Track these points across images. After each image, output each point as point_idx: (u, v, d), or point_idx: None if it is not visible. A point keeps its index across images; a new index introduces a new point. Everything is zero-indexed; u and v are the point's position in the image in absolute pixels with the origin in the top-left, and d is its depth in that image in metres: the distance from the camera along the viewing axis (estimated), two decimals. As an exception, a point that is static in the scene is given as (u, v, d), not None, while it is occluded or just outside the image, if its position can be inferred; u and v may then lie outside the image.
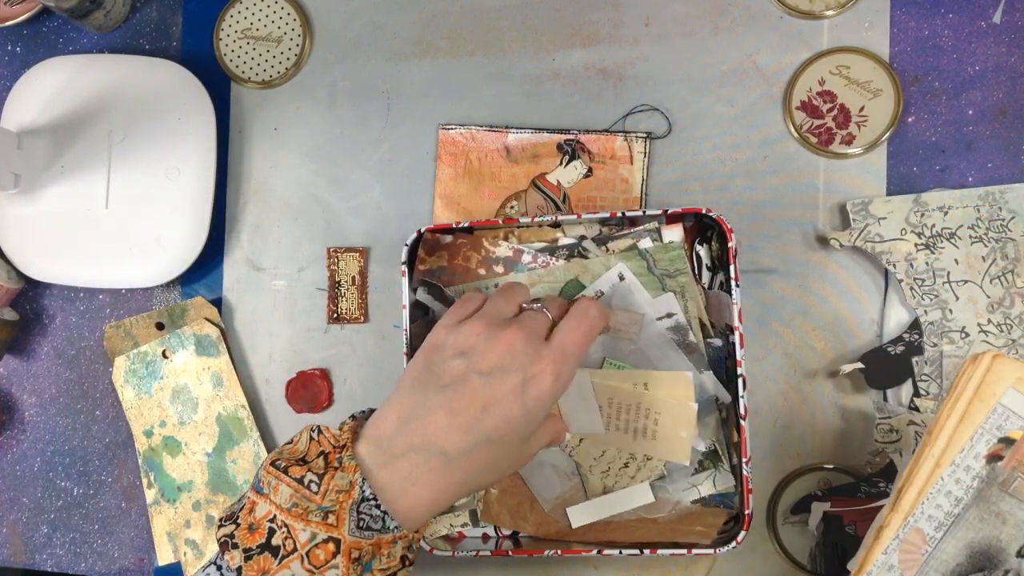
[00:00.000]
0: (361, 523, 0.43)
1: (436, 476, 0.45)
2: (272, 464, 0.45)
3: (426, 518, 0.46)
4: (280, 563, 0.42)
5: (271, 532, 0.42)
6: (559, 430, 0.54)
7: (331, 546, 0.42)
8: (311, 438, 0.46)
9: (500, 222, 0.63)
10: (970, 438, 0.45)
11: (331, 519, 0.42)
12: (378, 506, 0.43)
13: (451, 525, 0.64)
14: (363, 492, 0.43)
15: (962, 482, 0.45)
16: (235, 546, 0.43)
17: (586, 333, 0.50)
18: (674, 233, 0.63)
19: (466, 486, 0.46)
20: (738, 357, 0.58)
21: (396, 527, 0.44)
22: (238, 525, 0.44)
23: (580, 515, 0.62)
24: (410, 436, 0.45)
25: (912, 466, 0.46)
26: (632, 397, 0.59)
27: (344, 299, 0.70)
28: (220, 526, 0.44)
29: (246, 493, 0.45)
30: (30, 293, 0.75)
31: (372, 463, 0.45)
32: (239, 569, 0.42)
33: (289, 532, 0.42)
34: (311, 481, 0.43)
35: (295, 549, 0.42)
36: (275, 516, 0.42)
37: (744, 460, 0.57)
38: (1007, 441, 0.44)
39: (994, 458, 0.44)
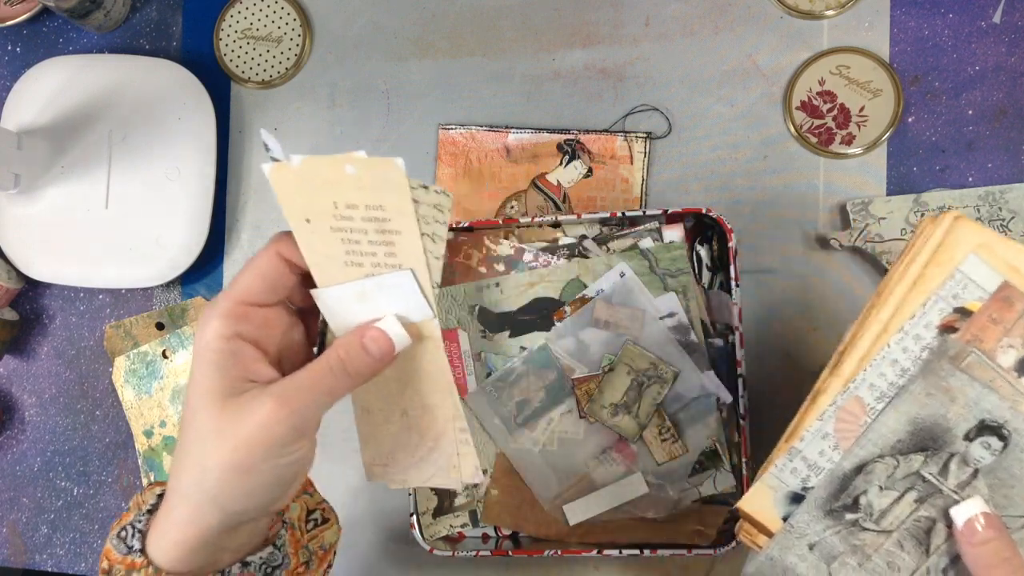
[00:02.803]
0: None
1: None
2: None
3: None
4: None
5: None
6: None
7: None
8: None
9: (500, 222, 0.63)
10: (923, 305, 0.40)
11: None
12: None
13: (451, 526, 0.64)
14: None
15: (910, 351, 0.40)
16: None
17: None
18: (674, 233, 0.63)
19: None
20: (738, 357, 0.58)
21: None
22: None
23: (577, 512, 0.62)
24: None
25: (856, 328, 0.41)
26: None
27: (344, 299, 0.70)
28: None
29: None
30: (30, 293, 0.75)
31: None
32: None
33: None
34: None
35: None
36: None
37: (744, 460, 0.57)
38: (963, 312, 0.40)
39: (947, 329, 0.40)
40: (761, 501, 0.42)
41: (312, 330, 0.43)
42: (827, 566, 0.41)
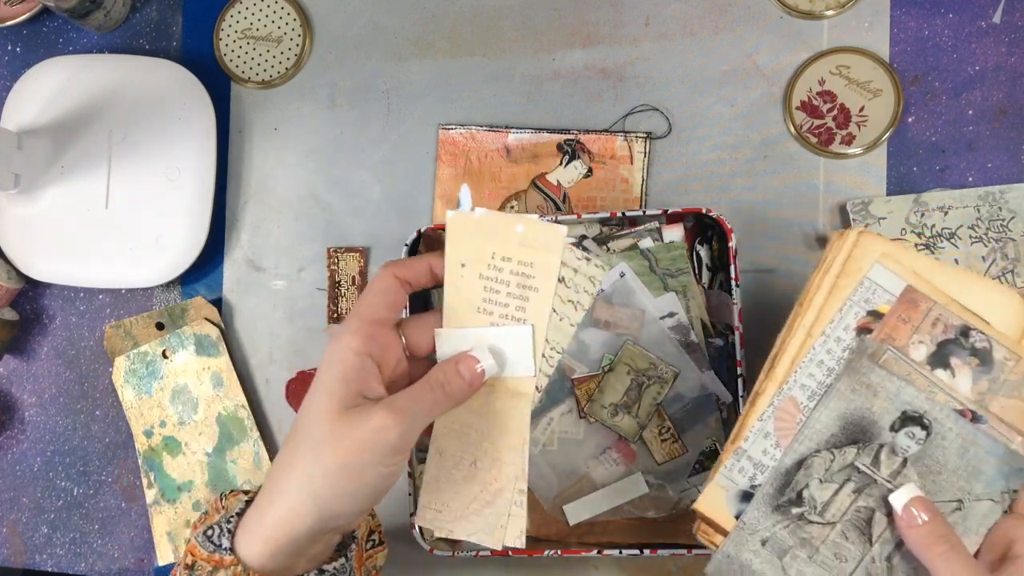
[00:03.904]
0: None
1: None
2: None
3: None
4: None
5: None
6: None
7: None
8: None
9: (500, 222, 0.63)
10: (839, 310, 0.45)
11: None
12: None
13: (451, 525, 0.64)
14: None
15: (833, 352, 0.45)
16: None
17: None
18: (674, 233, 0.63)
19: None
20: (738, 357, 0.58)
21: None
22: None
23: (577, 512, 0.62)
24: None
25: (785, 335, 0.46)
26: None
27: (344, 299, 0.70)
28: None
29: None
30: (30, 293, 0.75)
31: None
32: None
33: None
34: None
35: None
36: None
37: (744, 460, 0.57)
38: (875, 314, 0.45)
39: (863, 330, 0.45)
40: (714, 501, 0.45)
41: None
42: (780, 560, 0.43)
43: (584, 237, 0.64)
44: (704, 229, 0.63)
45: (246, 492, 0.46)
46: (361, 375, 0.41)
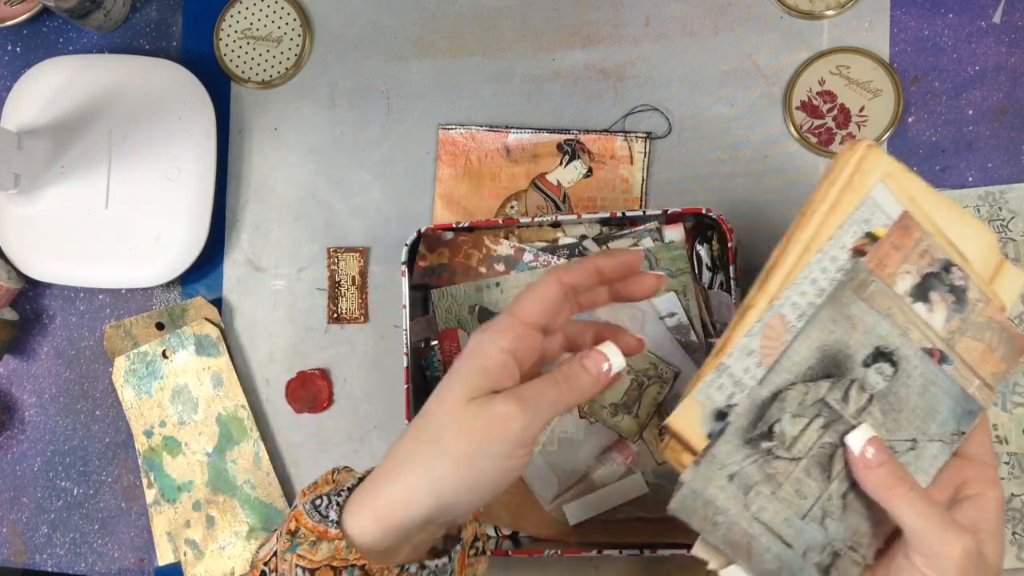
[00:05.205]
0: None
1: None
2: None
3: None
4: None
5: None
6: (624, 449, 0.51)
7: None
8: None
9: (500, 222, 0.63)
10: (839, 227, 0.43)
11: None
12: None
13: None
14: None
15: (827, 272, 0.43)
16: None
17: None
18: (675, 233, 0.63)
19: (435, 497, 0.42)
20: (738, 357, 0.58)
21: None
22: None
23: (577, 512, 0.62)
24: None
25: (782, 247, 0.44)
26: None
27: (344, 299, 0.70)
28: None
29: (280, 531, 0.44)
30: (30, 293, 0.75)
31: None
32: None
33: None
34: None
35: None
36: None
37: (744, 460, 0.57)
38: (872, 237, 0.43)
39: (859, 252, 0.43)
40: (688, 417, 0.43)
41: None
42: (744, 496, 0.42)
43: (584, 237, 0.64)
44: (704, 229, 0.63)
45: (353, 471, 0.46)
46: (501, 372, 0.41)
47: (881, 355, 0.43)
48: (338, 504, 0.42)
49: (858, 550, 0.42)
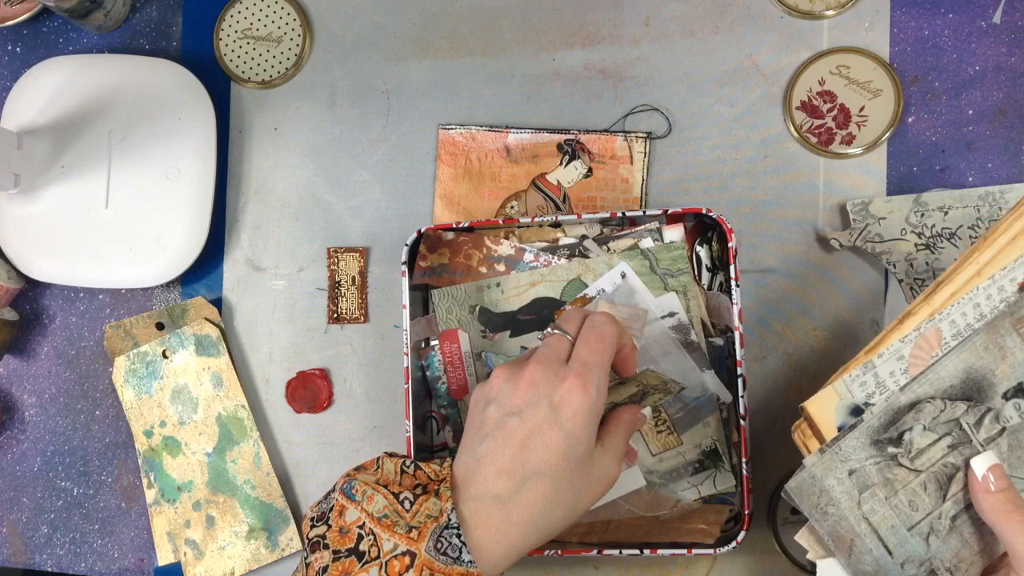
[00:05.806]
0: (439, 546, 0.45)
1: (494, 520, 0.46)
2: (363, 480, 0.48)
3: (496, 563, 0.47)
4: (362, 567, 0.45)
5: (359, 538, 0.45)
6: (628, 450, 0.55)
7: (407, 559, 0.44)
8: (403, 470, 0.50)
9: (500, 222, 0.63)
10: (1014, 259, 0.44)
11: (413, 534, 0.45)
12: (459, 535, 0.45)
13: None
14: (449, 519, 0.46)
15: (992, 299, 0.44)
16: (326, 547, 0.46)
17: (599, 341, 0.50)
18: (675, 233, 0.63)
19: (534, 525, 0.47)
20: (738, 357, 0.58)
21: (470, 562, 0.45)
22: (329, 527, 0.46)
23: None
24: (468, 489, 0.47)
25: (956, 266, 0.45)
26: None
27: (344, 299, 0.70)
28: (312, 526, 0.47)
29: (332, 495, 0.48)
30: (30, 293, 0.75)
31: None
32: (325, 568, 0.45)
33: (375, 540, 0.45)
34: (405, 499, 0.47)
35: (377, 556, 0.45)
36: (364, 523, 0.46)
37: (744, 460, 0.57)
38: None
39: None
40: (825, 405, 0.44)
41: None
42: (859, 493, 0.43)
43: (584, 237, 0.64)
44: (704, 229, 0.63)
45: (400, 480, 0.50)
46: (596, 421, 0.49)
47: (1022, 391, 0.44)
48: (462, 543, 0.45)
49: (955, 574, 0.43)
